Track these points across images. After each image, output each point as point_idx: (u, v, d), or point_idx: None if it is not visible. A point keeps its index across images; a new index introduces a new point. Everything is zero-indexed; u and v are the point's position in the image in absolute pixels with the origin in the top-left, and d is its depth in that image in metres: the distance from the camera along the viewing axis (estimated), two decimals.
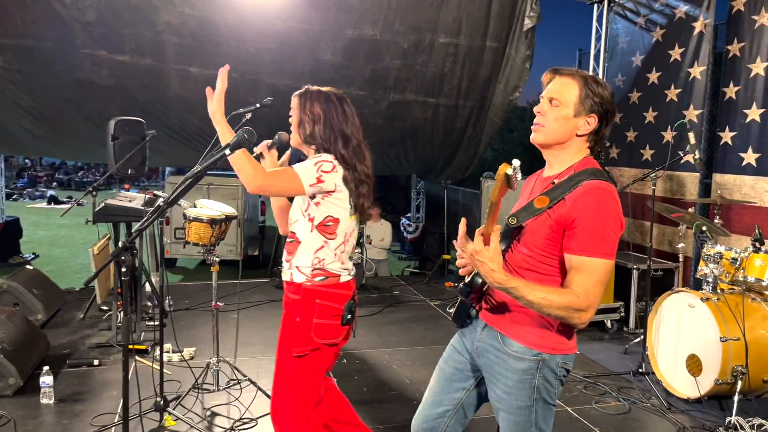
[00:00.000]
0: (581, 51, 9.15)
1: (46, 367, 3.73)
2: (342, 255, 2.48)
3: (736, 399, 3.65)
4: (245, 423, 3.56)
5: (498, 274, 1.74)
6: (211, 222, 3.69)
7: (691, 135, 4.28)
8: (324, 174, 2.34)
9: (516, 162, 1.57)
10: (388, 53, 6.77)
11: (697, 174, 5.71)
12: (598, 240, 1.78)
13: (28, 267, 5.66)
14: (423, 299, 6.48)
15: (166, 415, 3.46)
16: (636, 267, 5.39)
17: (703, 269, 4.14)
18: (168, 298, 5.10)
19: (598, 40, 7.15)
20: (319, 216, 2.41)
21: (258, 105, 3.91)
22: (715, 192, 5.14)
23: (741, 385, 3.68)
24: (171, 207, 2.31)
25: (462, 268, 2.01)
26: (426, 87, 7.07)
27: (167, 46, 6.25)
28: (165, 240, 8.32)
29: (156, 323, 4.97)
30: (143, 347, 4.51)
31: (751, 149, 5.18)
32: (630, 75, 6.58)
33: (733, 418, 3.56)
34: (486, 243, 1.74)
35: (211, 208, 3.91)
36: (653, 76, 6.21)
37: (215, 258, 3.74)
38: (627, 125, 6.59)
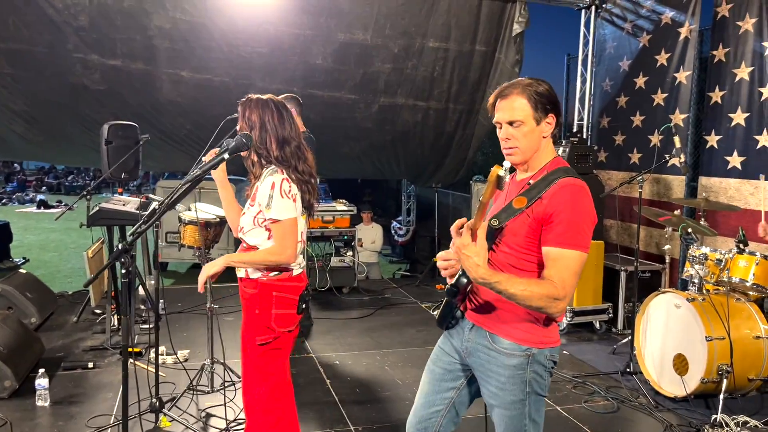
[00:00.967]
0: (569, 56, 9.26)
1: (41, 370, 3.76)
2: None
3: (721, 397, 3.73)
4: (240, 423, 3.60)
5: (483, 269, 1.83)
6: (206, 225, 3.73)
7: (677, 138, 4.37)
8: (291, 194, 2.51)
9: (507, 164, 1.70)
10: (378, 57, 6.85)
11: (683, 177, 5.81)
12: (573, 233, 1.90)
13: (21, 271, 5.67)
14: (414, 301, 6.54)
15: (161, 417, 3.49)
16: (624, 269, 5.48)
17: (689, 270, 4.23)
18: (162, 301, 5.14)
19: (585, 45, 7.24)
20: (274, 228, 2.52)
21: None
22: (701, 194, 5.23)
23: (726, 384, 3.76)
24: (171, 209, 2.36)
25: (444, 270, 2.07)
26: (416, 91, 7.16)
27: (159, 50, 6.29)
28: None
29: (150, 326, 5.04)
30: (137, 350, 4.53)
31: (736, 152, 5.28)
32: (617, 80, 6.68)
33: (719, 415, 3.64)
34: (473, 239, 1.83)
35: (206, 211, 3.95)
36: (640, 80, 6.31)
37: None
38: (615, 129, 6.69)
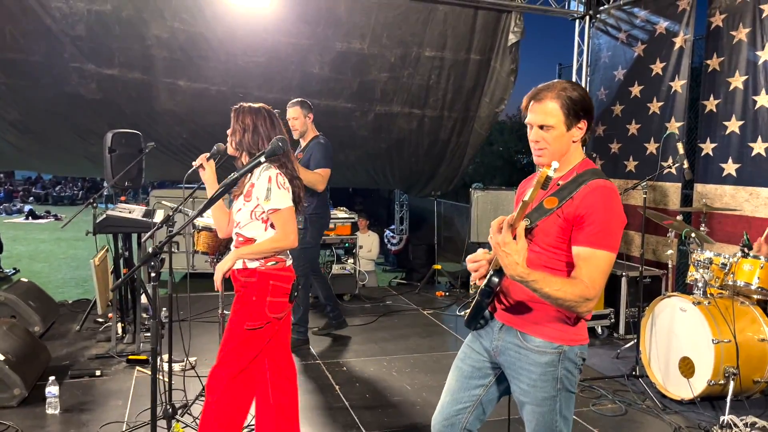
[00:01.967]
0: (561, 66, 9.39)
1: (51, 377, 3.72)
2: None
3: (729, 399, 3.78)
4: (251, 429, 3.58)
5: (522, 267, 1.84)
6: None
7: (680, 145, 4.46)
8: (286, 185, 2.78)
9: (555, 164, 1.71)
10: (375, 66, 6.90)
11: (679, 184, 5.91)
12: (604, 234, 1.93)
13: (23, 280, 5.60)
14: (416, 308, 6.55)
15: (174, 423, 3.46)
16: (625, 274, 5.55)
17: (693, 274, 4.29)
18: (164, 309, 5.10)
19: (580, 54, 7.36)
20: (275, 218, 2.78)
21: None
22: (698, 201, 5.32)
23: (733, 386, 3.81)
24: (199, 216, 2.37)
25: (474, 271, 2.11)
26: (412, 99, 7.22)
27: (156, 59, 6.27)
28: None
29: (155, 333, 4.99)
30: (143, 357, 4.50)
31: (731, 160, 5.38)
32: (612, 89, 6.79)
33: (727, 416, 3.69)
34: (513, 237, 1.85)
35: None
36: (635, 89, 6.42)
37: None
38: (610, 137, 6.79)
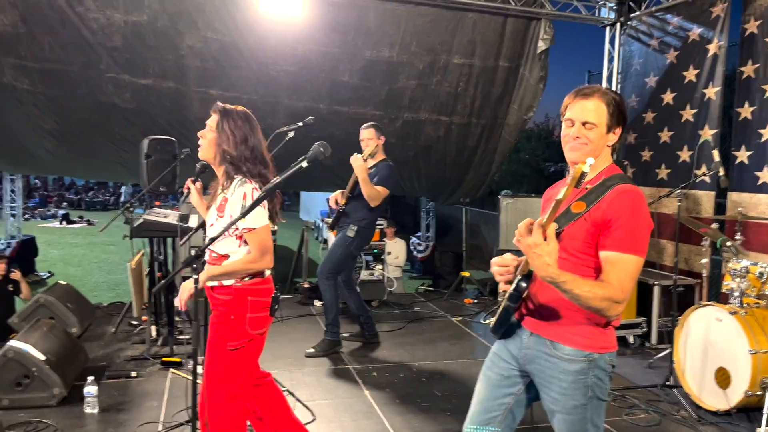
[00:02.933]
0: (590, 73, 9.34)
1: (90, 378, 3.82)
2: None
3: (765, 410, 3.70)
4: None
5: (552, 268, 1.86)
6: None
7: (716, 153, 4.40)
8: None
9: (590, 160, 1.71)
10: (404, 74, 6.95)
11: (713, 192, 5.82)
12: (632, 238, 1.94)
13: (61, 282, 5.75)
14: (444, 315, 6.55)
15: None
16: (657, 283, 5.48)
17: (729, 284, 4.23)
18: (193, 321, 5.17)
19: (610, 62, 7.31)
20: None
21: (300, 124, 4.08)
22: (733, 210, 5.24)
23: None
24: (243, 218, 2.41)
25: (499, 275, 2.12)
26: (439, 106, 7.25)
27: (189, 69, 6.40)
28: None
29: (187, 336, 5.09)
30: (177, 360, 4.58)
31: (767, 168, 5.30)
32: (644, 96, 6.73)
33: (763, 428, 3.62)
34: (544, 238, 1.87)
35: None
36: (668, 96, 6.36)
37: None
38: (641, 145, 6.72)
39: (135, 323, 5.54)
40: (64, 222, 18.84)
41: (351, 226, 4.95)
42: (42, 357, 3.88)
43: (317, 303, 6.62)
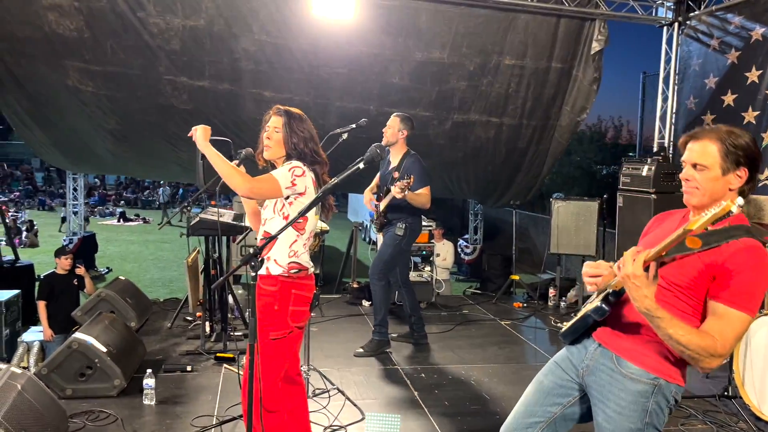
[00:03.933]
0: (646, 74, 9.14)
1: (149, 370, 3.95)
2: (307, 246, 2.84)
3: None
4: (335, 430, 3.68)
5: (650, 301, 1.80)
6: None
7: None
8: (297, 178, 2.70)
9: (740, 200, 1.63)
10: (454, 75, 6.93)
11: None
12: (748, 296, 1.85)
13: (120, 278, 5.97)
14: (493, 318, 6.50)
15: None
16: None
17: None
18: (248, 310, 5.30)
19: (667, 62, 7.13)
20: (293, 213, 2.70)
21: (354, 126, 4.12)
22: None
23: None
24: (302, 216, 2.47)
25: (590, 279, 2.05)
26: (490, 107, 7.20)
27: (244, 72, 6.55)
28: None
29: (240, 333, 5.22)
30: (230, 356, 4.69)
31: None
32: (703, 97, 6.54)
33: None
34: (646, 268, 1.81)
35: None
36: (728, 98, 6.16)
37: None
38: None
39: (190, 319, 5.72)
40: (121, 220, 19.55)
41: (399, 224, 4.97)
42: (104, 349, 4.04)
43: (366, 303, 6.68)
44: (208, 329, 5.14)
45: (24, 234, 14.38)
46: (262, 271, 2.76)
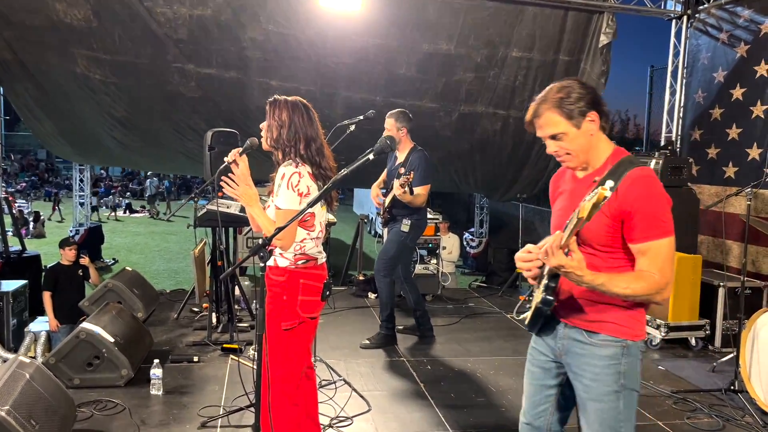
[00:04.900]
0: (653, 68, 9.09)
1: (156, 360, 3.97)
2: (319, 241, 2.81)
3: None
4: (342, 421, 3.68)
5: (587, 277, 1.89)
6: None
7: None
8: (298, 188, 2.64)
9: (611, 183, 1.69)
10: (461, 67, 6.90)
11: None
12: (657, 224, 1.94)
13: (127, 269, 5.99)
14: (499, 311, 6.51)
15: None
16: (722, 284, 5.30)
17: None
18: (254, 302, 5.32)
19: (676, 56, 7.08)
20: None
21: (361, 117, 4.11)
22: None
23: None
24: (311, 207, 2.46)
25: (527, 271, 2.09)
26: (497, 99, 7.16)
27: (251, 60, 6.54)
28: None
29: (246, 324, 5.23)
30: (236, 347, 4.71)
31: None
32: (711, 91, 6.50)
33: None
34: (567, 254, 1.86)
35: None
36: (737, 92, 6.12)
37: None
38: (708, 142, 6.49)
39: (196, 310, 5.73)
40: (127, 211, 19.58)
41: (404, 220, 4.96)
42: (111, 339, 4.06)
43: (371, 295, 6.68)
44: (214, 320, 5.15)
45: (31, 225, 14.45)
46: (270, 263, 2.73)
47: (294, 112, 2.72)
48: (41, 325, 5.32)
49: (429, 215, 7.02)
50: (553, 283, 1.98)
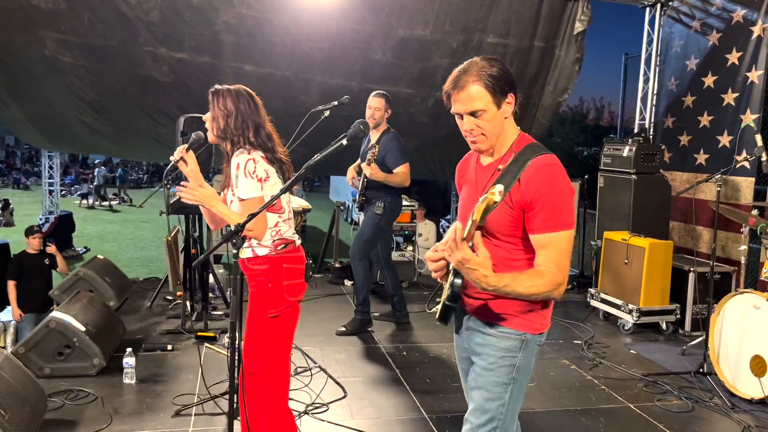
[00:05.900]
0: (627, 55, 9.14)
1: (129, 349, 3.93)
2: (291, 222, 2.78)
3: None
4: (317, 408, 3.68)
5: (491, 278, 1.77)
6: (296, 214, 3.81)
7: (758, 137, 4.30)
8: (256, 174, 2.57)
9: (500, 187, 1.61)
10: (437, 52, 6.87)
11: (752, 179, 5.68)
12: (558, 215, 1.89)
13: (99, 257, 5.89)
14: None
15: None
16: (692, 270, 5.39)
17: None
18: (229, 289, 5.27)
19: (649, 44, 7.13)
20: (266, 197, 2.59)
21: (335, 103, 4.07)
22: None
23: None
24: (283, 195, 2.43)
25: (435, 272, 1.99)
26: None
27: (225, 45, 6.43)
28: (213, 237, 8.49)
29: (221, 312, 5.19)
30: (211, 334, 4.67)
31: None
32: (684, 79, 6.57)
33: None
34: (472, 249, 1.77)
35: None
36: (709, 80, 6.20)
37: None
38: (680, 129, 6.57)
39: (170, 298, 5.67)
40: (98, 200, 19.23)
41: (377, 203, 4.97)
42: (82, 328, 3.99)
43: (348, 282, 6.67)
44: (189, 308, 5.10)
45: None
46: (249, 254, 2.68)
47: (239, 99, 2.64)
48: (10, 315, 5.22)
49: (405, 202, 7.03)
50: (459, 280, 1.87)
